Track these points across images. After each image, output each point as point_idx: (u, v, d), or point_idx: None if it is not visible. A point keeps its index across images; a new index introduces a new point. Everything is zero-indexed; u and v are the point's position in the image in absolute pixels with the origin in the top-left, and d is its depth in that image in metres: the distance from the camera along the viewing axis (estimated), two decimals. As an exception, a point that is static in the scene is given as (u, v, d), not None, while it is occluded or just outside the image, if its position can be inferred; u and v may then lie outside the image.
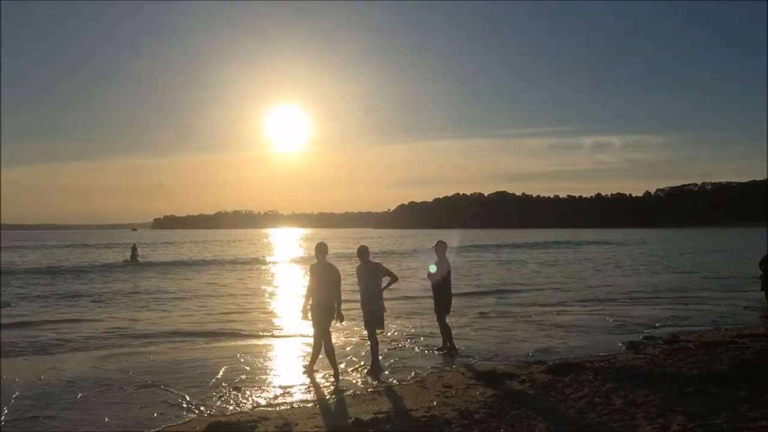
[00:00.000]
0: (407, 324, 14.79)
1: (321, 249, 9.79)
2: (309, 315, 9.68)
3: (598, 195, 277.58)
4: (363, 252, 10.33)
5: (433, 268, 11.01)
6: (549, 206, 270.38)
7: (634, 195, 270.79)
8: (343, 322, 10.15)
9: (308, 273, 9.97)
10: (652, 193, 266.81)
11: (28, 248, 72.14)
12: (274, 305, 19.82)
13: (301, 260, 43.89)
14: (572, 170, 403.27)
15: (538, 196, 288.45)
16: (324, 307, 9.49)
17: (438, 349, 11.56)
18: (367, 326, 10.21)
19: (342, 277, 9.79)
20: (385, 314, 10.33)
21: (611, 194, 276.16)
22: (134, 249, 45.18)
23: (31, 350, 12.41)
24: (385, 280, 10.34)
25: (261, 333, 14.20)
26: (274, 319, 16.31)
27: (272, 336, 13.87)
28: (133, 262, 42.50)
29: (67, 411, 7.94)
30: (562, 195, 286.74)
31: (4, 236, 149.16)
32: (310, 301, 9.66)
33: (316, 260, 9.84)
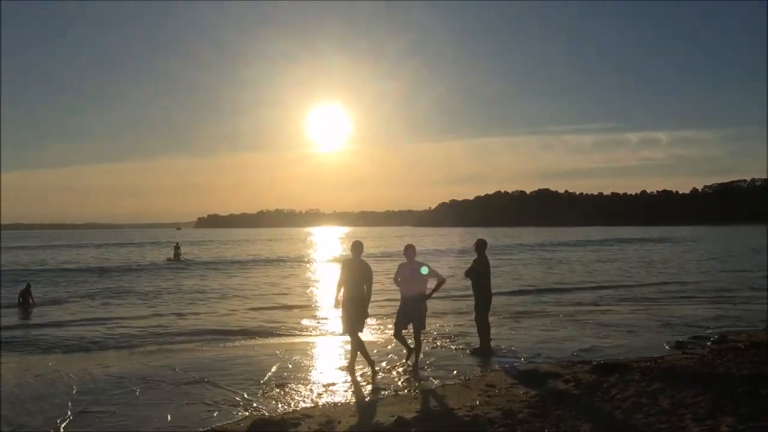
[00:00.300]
0: (445, 323, 14.74)
1: (357, 247, 9.93)
2: (340, 307, 9.77)
3: (644, 192, 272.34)
4: (410, 250, 10.28)
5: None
6: (593, 204, 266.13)
7: (680, 192, 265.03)
8: (370, 320, 10.22)
9: (341, 268, 10.02)
10: (700, 190, 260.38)
11: (75, 247, 74.00)
12: (316, 303, 19.97)
13: (342, 259, 44.12)
14: (617, 167, 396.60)
15: (582, 193, 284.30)
16: (354, 302, 9.59)
17: (475, 349, 11.43)
18: (398, 325, 10.13)
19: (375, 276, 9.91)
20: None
21: (657, 191, 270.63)
22: (177, 247, 45.92)
23: (79, 346, 12.77)
24: (432, 282, 10.30)
25: (303, 331, 14.34)
26: (315, 317, 16.43)
27: (314, 334, 13.98)
28: (176, 260, 43.26)
29: (126, 407, 8.10)
30: (607, 192, 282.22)
31: (53, 235, 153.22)
32: (341, 295, 9.74)
33: (351, 257, 9.91)
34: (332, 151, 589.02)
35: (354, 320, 9.62)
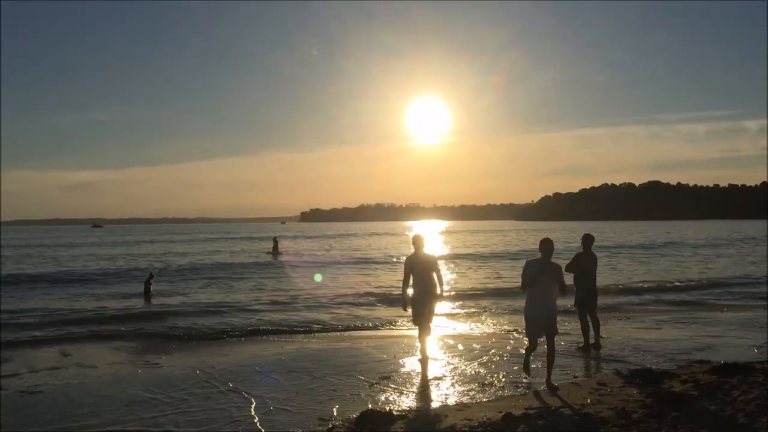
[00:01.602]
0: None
1: (418, 241, 10.07)
2: (414, 307, 9.98)
3: (765, 183, 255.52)
4: (547, 247, 8.40)
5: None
6: (708, 196, 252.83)
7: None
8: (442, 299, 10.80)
9: (404, 265, 10.16)
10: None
11: (189, 242, 77.38)
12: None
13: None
14: (735, 157, 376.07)
15: (696, 185, 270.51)
16: (423, 296, 9.87)
17: (581, 347, 11.08)
18: (532, 334, 8.63)
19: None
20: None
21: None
22: (275, 241, 47.24)
23: (192, 337, 13.40)
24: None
25: (406, 324, 14.37)
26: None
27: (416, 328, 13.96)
28: (275, 252, 44.69)
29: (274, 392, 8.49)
30: (723, 184, 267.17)
31: (168, 228, 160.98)
32: (410, 292, 9.97)
33: (414, 252, 10.07)
34: (431, 144, 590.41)
35: (423, 311, 9.89)
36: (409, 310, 10.05)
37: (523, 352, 9.05)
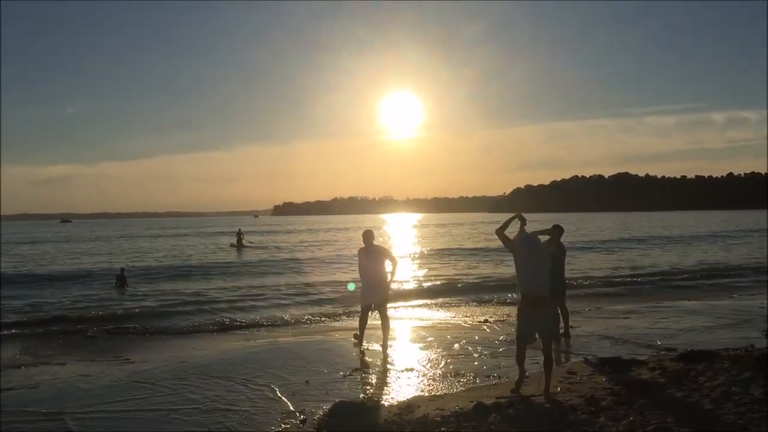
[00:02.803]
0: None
1: (368, 235, 10.58)
2: (364, 294, 10.67)
3: (730, 175, 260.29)
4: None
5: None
6: (675, 188, 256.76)
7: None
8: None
9: (358, 256, 10.75)
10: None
11: (158, 237, 76.56)
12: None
13: (420, 249, 44.06)
14: (701, 149, 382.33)
15: (663, 177, 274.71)
16: (373, 285, 10.46)
17: None
18: (523, 331, 7.67)
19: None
20: None
21: (744, 174, 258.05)
22: (239, 234, 47.62)
23: (163, 332, 13.35)
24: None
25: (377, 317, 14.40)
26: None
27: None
28: (239, 245, 45.33)
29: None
30: (690, 176, 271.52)
31: (138, 223, 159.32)
32: (362, 282, 10.67)
33: (364, 245, 10.57)
34: (405, 138, 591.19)
35: (377, 299, 10.48)
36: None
37: (498, 343, 9.07)
